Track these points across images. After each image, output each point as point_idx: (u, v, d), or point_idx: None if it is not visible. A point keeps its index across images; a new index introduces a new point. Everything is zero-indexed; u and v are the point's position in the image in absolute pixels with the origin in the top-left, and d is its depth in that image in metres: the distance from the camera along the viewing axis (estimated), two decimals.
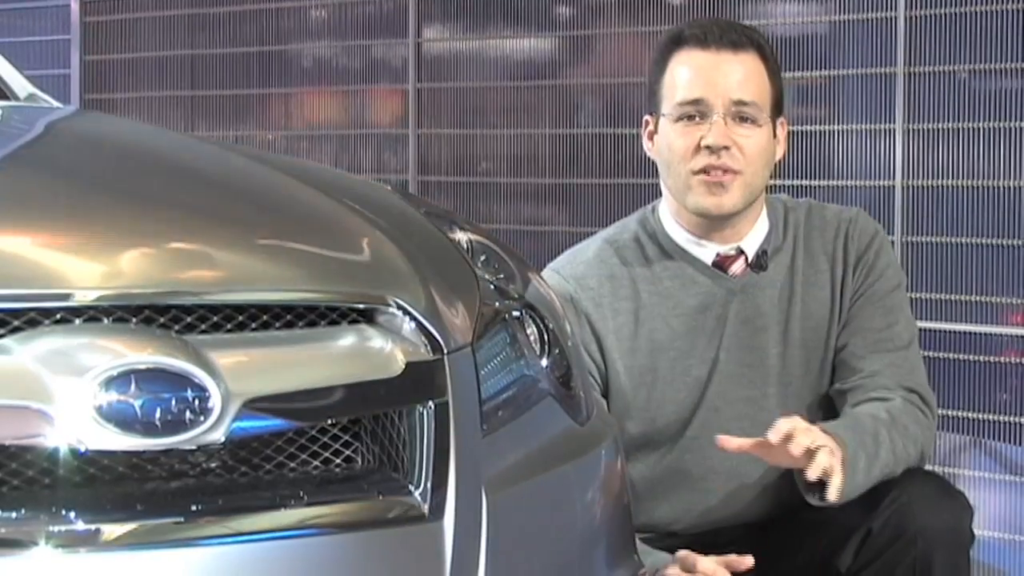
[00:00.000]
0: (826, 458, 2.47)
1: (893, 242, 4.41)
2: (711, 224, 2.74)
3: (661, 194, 2.81)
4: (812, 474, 2.48)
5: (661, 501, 2.76)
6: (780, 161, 2.84)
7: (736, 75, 2.69)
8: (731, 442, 2.55)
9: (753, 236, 2.77)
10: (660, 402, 2.74)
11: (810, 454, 2.48)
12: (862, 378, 2.71)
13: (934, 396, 2.76)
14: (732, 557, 2.58)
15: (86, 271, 1.75)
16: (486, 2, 5.51)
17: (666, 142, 2.73)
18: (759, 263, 2.76)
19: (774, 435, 2.47)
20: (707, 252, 2.77)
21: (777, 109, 2.74)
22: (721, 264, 2.77)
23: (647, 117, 2.78)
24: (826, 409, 2.75)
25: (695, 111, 2.69)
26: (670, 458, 2.76)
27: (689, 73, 2.70)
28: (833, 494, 2.50)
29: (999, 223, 4.42)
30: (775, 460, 2.57)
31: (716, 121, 2.67)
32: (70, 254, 1.79)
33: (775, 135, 2.74)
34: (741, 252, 2.77)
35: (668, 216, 2.79)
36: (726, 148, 2.67)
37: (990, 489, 4.46)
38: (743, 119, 2.68)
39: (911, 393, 2.71)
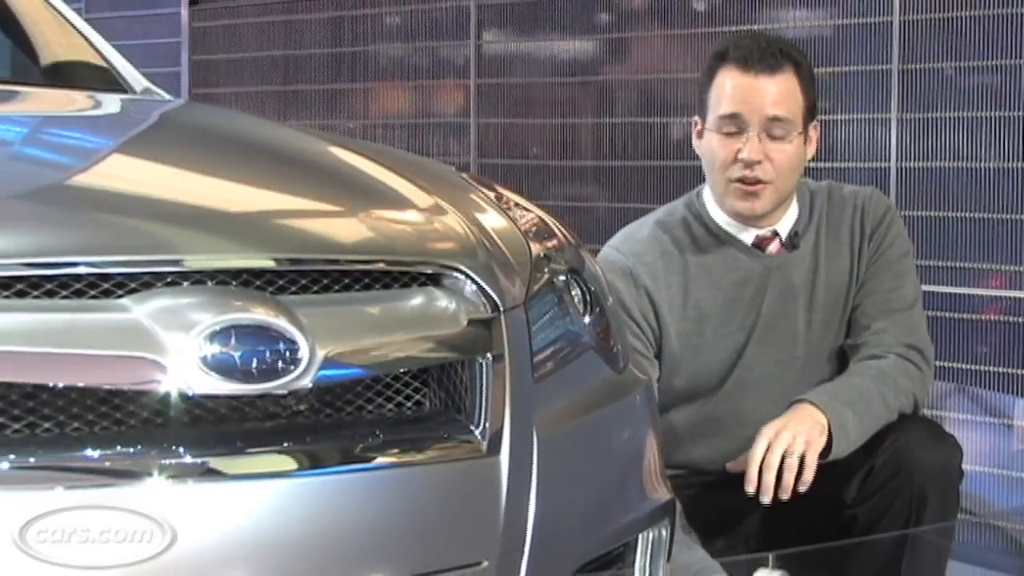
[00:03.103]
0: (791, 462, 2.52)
1: None
2: (747, 217, 2.73)
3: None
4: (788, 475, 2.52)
5: (698, 444, 2.76)
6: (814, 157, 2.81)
7: (771, 95, 2.66)
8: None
9: (786, 220, 2.77)
10: (703, 361, 2.74)
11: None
12: (869, 335, 2.71)
13: (932, 350, 2.75)
14: None
15: (193, 241, 1.75)
16: (537, 9, 5.48)
17: (709, 147, 2.72)
18: (792, 243, 2.76)
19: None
20: (747, 234, 2.76)
21: (810, 115, 2.71)
22: (759, 244, 2.76)
23: (696, 118, 2.76)
24: (842, 363, 2.75)
25: (733, 125, 2.67)
26: (707, 408, 2.76)
27: (730, 91, 2.68)
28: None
29: (981, 199, 4.38)
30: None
31: (751, 137, 2.65)
32: (179, 226, 1.78)
33: (807, 139, 2.71)
34: (776, 234, 2.76)
35: (711, 202, 2.78)
36: (759, 162, 2.66)
37: (972, 429, 4.43)
38: (776, 135, 2.66)
39: (910, 349, 2.70)
